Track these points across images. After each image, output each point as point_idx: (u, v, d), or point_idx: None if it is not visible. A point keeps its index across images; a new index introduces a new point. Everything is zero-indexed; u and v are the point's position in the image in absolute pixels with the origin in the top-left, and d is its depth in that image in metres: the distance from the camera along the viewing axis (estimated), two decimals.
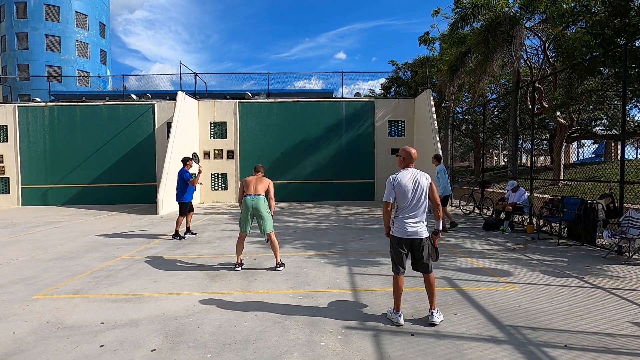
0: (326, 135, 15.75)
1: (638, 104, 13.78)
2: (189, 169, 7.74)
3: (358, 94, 19.43)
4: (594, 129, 17.47)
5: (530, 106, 11.39)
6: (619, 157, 6.42)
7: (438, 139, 13.27)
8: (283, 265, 5.32)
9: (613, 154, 17.96)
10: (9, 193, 15.14)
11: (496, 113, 22.95)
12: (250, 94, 18.88)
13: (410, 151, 3.50)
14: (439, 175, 8.32)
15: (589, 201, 6.88)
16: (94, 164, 15.07)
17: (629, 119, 14.28)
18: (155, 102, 15.28)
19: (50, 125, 15.13)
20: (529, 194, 8.42)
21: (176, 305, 3.91)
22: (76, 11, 31.11)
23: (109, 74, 34.62)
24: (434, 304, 3.42)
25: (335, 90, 23.45)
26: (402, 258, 3.46)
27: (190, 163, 7.77)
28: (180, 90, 14.38)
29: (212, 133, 15.80)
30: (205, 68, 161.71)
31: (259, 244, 6.96)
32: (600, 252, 6.19)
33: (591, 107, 15.27)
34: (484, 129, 13.86)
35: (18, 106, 15.24)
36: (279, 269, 5.22)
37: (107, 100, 15.91)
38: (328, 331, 3.27)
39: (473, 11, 10.83)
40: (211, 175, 15.61)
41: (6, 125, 15.14)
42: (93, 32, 32.64)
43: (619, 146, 8.48)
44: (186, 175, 7.60)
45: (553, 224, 8.03)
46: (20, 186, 15.12)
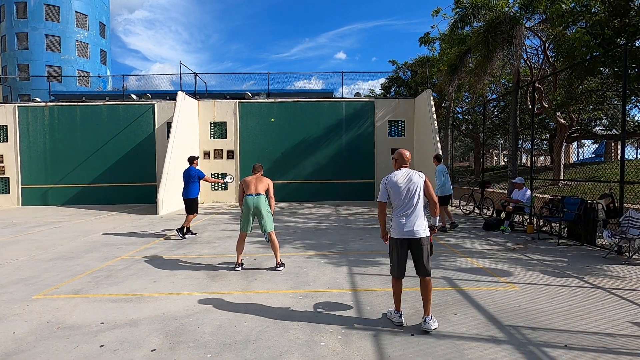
0: (326, 135, 15.75)
1: (638, 104, 13.78)
2: (196, 167, 7.78)
3: (358, 94, 19.44)
4: (594, 129, 17.47)
5: (530, 106, 11.39)
6: (619, 157, 6.42)
7: (438, 139, 13.27)
8: (283, 265, 5.32)
9: (613, 154, 17.96)
10: (9, 193, 15.14)
11: (496, 113, 22.94)
12: (250, 94, 18.87)
13: (403, 153, 3.50)
14: (438, 175, 8.37)
15: (589, 201, 6.88)
16: (94, 164, 15.07)
17: (629, 119, 14.28)
18: (155, 102, 15.28)
19: (50, 125, 15.13)
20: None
21: (176, 305, 3.91)
22: (76, 11, 31.12)
23: (109, 74, 34.63)
24: (429, 310, 3.30)
25: (335, 90, 23.45)
26: (402, 260, 3.39)
27: (196, 162, 7.81)
28: (180, 90, 14.38)
29: (212, 133, 15.80)
30: (205, 68, 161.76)
31: (259, 244, 6.96)
32: (600, 252, 6.19)
33: (591, 107, 15.26)
34: (484, 129, 13.86)
35: (18, 106, 15.24)
36: (279, 268, 5.23)
37: (107, 100, 15.91)
38: (328, 331, 3.27)
39: (473, 11, 10.81)
40: (211, 175, 15.61)
41: (6, 125, 15.14)
42: (93, 32, 32.65)
43: (619, 146, 8.48)
44: (193, 171, 7.60)
45: (553, 224, 8.03)
46: (20, 186, 15.12)
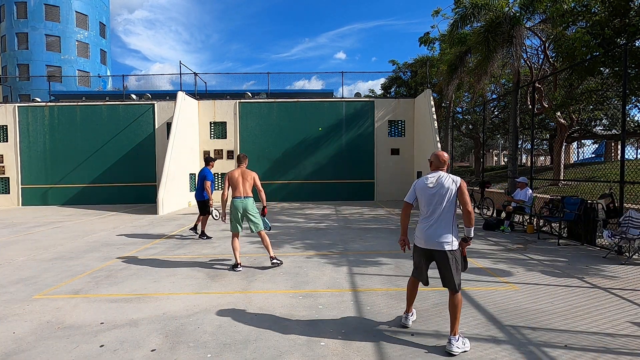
0: (326, 135, 15.75)
1: (638, 104, 13.78)
2: (212, 169, 7.67)
3: (358, 94, 19.44)
4: (594, 129, 17.48)
5: (530, 106, 11.39)
6: (619, 157, 6.42)
7: (438, 139, 13.27)
8: (277, 259, 5.37)
9: (613, 154, 17.96)
10: (9, 193, 15.14)
11: (496, 113, 22.95)
12: (250, 94, 18.87)
13: (440, 155, 3.13)
14: None
15: (589, 201, 6.88)
16: (94, 164, 15.07)
17: (629, 119, 14.28)
18: (155, 102, 15.28)
19: (50, 125, 15.13)
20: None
21: (176, 305, 3.91)
22: (76, 11, 31.11)
23: (109, 74, 34.62)
24: (454, 328, 2.91)
25: (335, 90, 23.45)
26: (422, 270, 3.17)
27: (212, 163, 7.66)
28: (180, 90, 14.38)
29: (212, 133, 15.80)
30: (205, 68, 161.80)
31: (259, 244, 6.96)
32: (600, 252, 6.19)
33: (591, 107, 15.27)
34: (484, 129, 13.87)
35: (18, 106, 15.24)
36: (274, 261, 5.32)
37: (107, 100, 15.91)
38: (328, 331, 3.27)
39: (473, 11, 10.82)
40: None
41: (6, 125, 15.14)
42: (93, 32, 32.64)
43: (619, 146, 8.48)
44: (209, 176, 7.50)
45: (553, 224, 8.03)
46: (20, 186, 15.12)
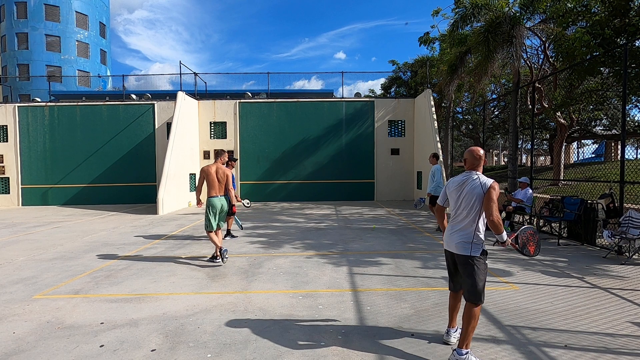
0: (326, 135, 15.75)
1: (638, 104, 13.78)
2: (232, 169, 7.24)
3: (358, 94, 19.43)
4: (594, 129, 17.48)
5: (530, 106, 11.39)
6: (619, 157, 6.42)
7: (438, 139, 13.27)
8: (221, 258, 5.51)
9: (613, 154, 17.97)
10: (9, 193, 15.13)
11: (496, 113, 22.96)
12: (250, 94, 18.87)
13: (474, 151, 2.87)
14: (436, 174, 8.33)
15: (589, 201, 6.88)
16: (94, 164, 15.07)
17: (629, 119, 14.28)
18: (155, 102, 15.28)
19: (50, 125, 15.13)
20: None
21: (176, 305, 3.91)
22: (76, 11, 31.10)
23: (109, 74, 34.61)
24: (463, 341, 2.68)
25: (335, 90, 23.44)
26: (451, 275, 3.01)
27: (232, 163, 7.35)
28: (180, 90, 14.37)
29: (212, 133, 15.80)
30: (205, 68, 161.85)
31: (259, 244, 6.96)
32: (600, 252, 6.19)
33: (591, 107, 15.27)
34: (484, 129, 13.86)
35: (18, 106, 15.24)
36: (217, 259, 5.56)
37: (107, 100, 15.91)
38: (328, 331, 3.27)
39: (473, 11, 10.82)
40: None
41: (6, 125, 15.14)
42: (93, 32, 32.63)
43: (619, 146, 8.48)
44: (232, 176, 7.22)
45: (553, 224, 8.03)
46: (20, 186, 15.12)
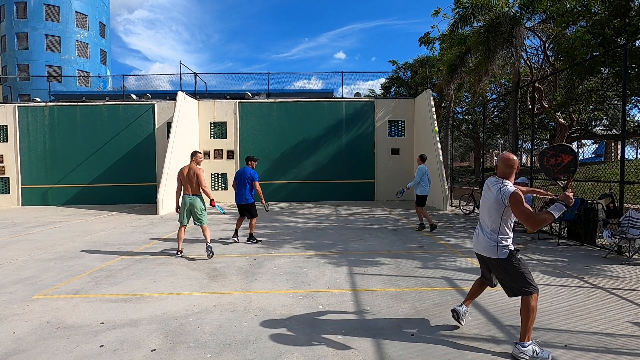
0: (326, 135, 15.75)
1: (638, 104, 13.78)
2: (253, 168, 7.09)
3: (358, 94, 19.42)
4: (594, 129, 17.48)
5: (530, 106, 11.39)
6: (619, 157, 6.41)
7: (438, 139, 13.27)
8: (210, 249, 5.92)
9: (613, 154, 17.97)
10: (9, 193, 15.13)
11: (496, 113, 22.96)
12: (250, 94, 18.87)
13: (504, 157, 2.84)
14: (417, 175, 8.26)
15: (589, 201, 6.88)
16: (94, 164, 15.07)
17: (629, 119, 14.28)
18: (155, 102, 15.28)
19: (50, 125, 15.13)
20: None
21: (176, 305, 3.91)
22: (76, 11, 31.11)
23: (109, 74, 34.63)
24: (527, 334, 2.71)
25: (335, 90, 23.44)
26: (483, 272, 3.19)
27: (253, 163, 7.06)
28: (180, 90, 14.37)
29: (212, 133, 15.80)
30: (205, 68, 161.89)
31: (259, 244, 6.96)
32: (600, 252, 6.19)
33: (591, 107, 15.27)
34: (484, 129, 13.85)
35: (18, 106, 15.24)
36: (208, 249, 5.92)
37: (107, 100, 15.91)
38: (328, 331, 3.27)
39: (473, 11, 10.84)
40: (211, 175, 15.61)
41: (6, 125, 15.13)
42: (93, 32, 32.64)
43: (619, 146, 8.48)
44: (256, 175, 6.96)
45: (553, 224, 8.03)
46: (20, 186, 15.12)
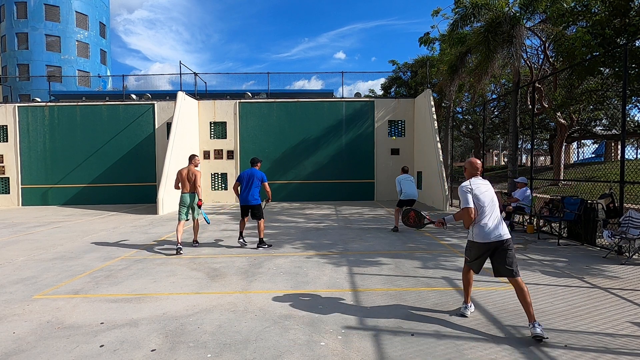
0: (326, 135, 15.75)
1: (638, 104, 13.78)
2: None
3: (358, 94, 19.43)
4: (594, 129, 17.48)
5: (530, 106, 11.39)
6: (619, 157, 6.42)
7: (438, 139, 13.27)
8: (197, 242, 6.89)
9: (613, 154, 17.96)
10: (9, 193, 15.14)
11: (496, 113, 22.95)
12: (250, 94, 18.88)
13: (472, 161, 3.59)
14: (398, 184, 8.54)
15: (589, 201, 6.88)
16: (94, 164, 15.07)
17: (629, 119, 14.28)
18: (155, 102, 15.28)
19: (50, 125, 15.13)
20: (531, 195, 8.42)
21: (176, 305, 3.91)
22: (76, 11, 31.09)
23: (109, 74, 34.61)
24: (532, 312, 3.16)
25: (335, 90, 23.45)
26: (480, 261, 3.52)
27: (258, 165, 6.89)
28: (180, 90, 14.37)
29: (212, 133, 15.80)
30: (206, 68, 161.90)
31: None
32: (600, 252, 6.19)
33: (591, 107, 15.27)
34: (484, 129, 13.85)
35: (18, 106, 15.24)
36: (195, 244, 6.83)
37: (107, 100, 15.91)
38: (328, 331, 3.27)
39: (473, 11, 10.82)
40: (211, 175, 15.61)
41: (6, 125, 15.14)
42: (93, 32, 32.63)
43: (619, 146, 8.48)
44: (259, 174, 6.72)
45: (553, 224, 8.03)
46: (20, 186, 15.12)
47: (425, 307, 3.79)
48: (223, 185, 15.75)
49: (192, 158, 6.66)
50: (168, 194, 12.11)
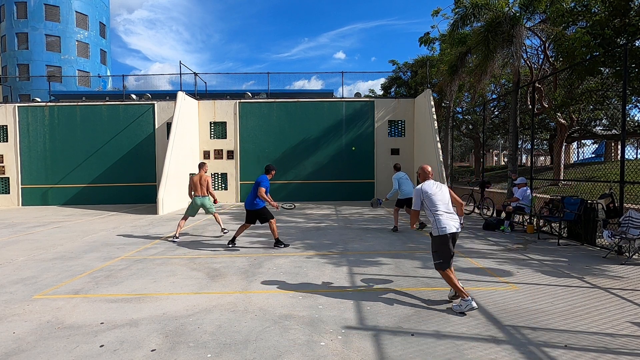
0: (326, 135, 15.75)
1: (638, 104, 13.78)
2: (270, 177, 6.69)
3: (358, 94, 19.43)
4: (594, 129, 17.48)
5: (530, 106, 11.39)
6: (619, 157, 6.42)
7: (438, 139, 13.27)
8: (226, 230, 7.88)
9: (613, 154, 17.96)
10: (9, 193, 15.14)
11: (496, 113, 22.94)
12: (250, 94, 18.87)
13: (424, 168, 4.18)
14: (396, 181, 8.56)
15: (589, 201, 6.88)
16: (94, 164, 15.08)
17: (629, 119, 14.28)
18: (155, 102, 15.29)
19: (50, 125, 15.13)
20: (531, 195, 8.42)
21: (176, 305, 3.91)
22: (76, 11, 31.10)
23: (109, 74, 34.62)
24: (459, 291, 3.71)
25: (335, 90, 23.44)
26: (452, 252, 3.94)
27: (272, 173, 6.68)
28: (180, 90, 14.38)
29: (212, 133, 15.80)
30: (206, 68, 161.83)
31: (259, 244, 6.96)
32: (600, 252, 6.19)
33: (591, 107, 15.27)
34: (484, 129, 13.86)
35: (18, 106, 15.24)
36: (225, 231, 7.88)
37: (107, 100, 15.92)
38: (328, 331, 3.27)
39: (473, 11, 10.84)
40: (211, 175, 15.61)
41: (6, 125, 15.14)
42: (93, 32, 32.64)
43: (619, 146, 8.48)
44: (263, 182, 6.49)
45: (553, 224, 8.03)
46: (20, 186, 15.12)
47: (425, 307, 3.79)
48: (223, 185, 15.75)
49: (202, 166, 7.54)
50: (168, 194, 12.11)
